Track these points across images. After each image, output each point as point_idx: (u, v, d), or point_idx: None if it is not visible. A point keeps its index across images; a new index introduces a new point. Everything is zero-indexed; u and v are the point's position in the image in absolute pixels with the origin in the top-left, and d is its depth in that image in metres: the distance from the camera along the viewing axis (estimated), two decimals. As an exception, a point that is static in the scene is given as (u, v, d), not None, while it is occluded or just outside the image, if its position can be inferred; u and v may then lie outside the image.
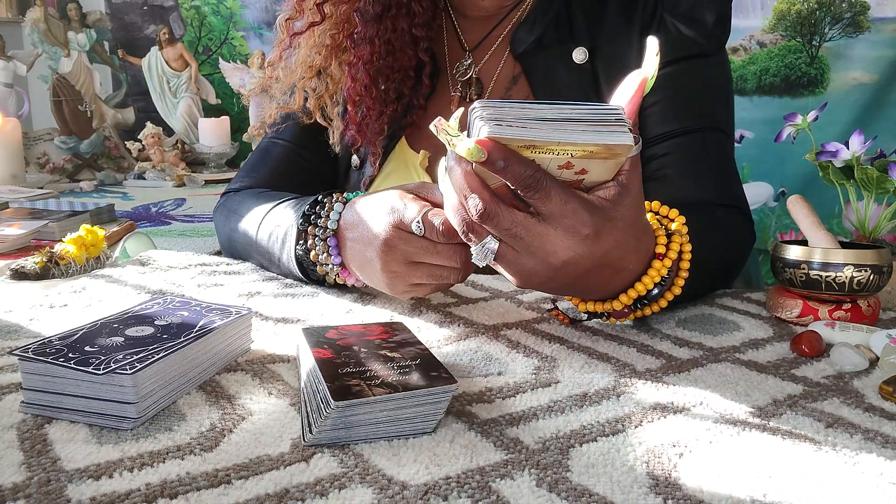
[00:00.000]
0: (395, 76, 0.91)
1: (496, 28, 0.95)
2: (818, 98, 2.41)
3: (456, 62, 0.96)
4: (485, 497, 0.39)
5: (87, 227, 0.90)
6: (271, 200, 0.83)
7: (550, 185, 0.49)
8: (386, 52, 0.90)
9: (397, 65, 0.91)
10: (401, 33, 0.90)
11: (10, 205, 1.57)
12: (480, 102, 0.48)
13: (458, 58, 0.96)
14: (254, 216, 0.84)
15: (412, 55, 0.92)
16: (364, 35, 0.89)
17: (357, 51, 0.90)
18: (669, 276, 0.62)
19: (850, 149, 0.84)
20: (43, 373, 0.47)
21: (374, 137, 0.93)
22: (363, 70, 0.90)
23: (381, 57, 0.90)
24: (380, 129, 0.93)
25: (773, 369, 0.58)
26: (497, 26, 0.95)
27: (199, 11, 3.02)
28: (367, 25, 0.89)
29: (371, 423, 0.44)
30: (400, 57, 0.91)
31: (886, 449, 0.45)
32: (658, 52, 0.52)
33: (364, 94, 0.90)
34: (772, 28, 2.45)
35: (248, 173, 1.00)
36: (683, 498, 0.39)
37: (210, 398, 0.51)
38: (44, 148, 2.52)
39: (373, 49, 0.89)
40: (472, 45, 0.96)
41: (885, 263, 0.67)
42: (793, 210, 0.76)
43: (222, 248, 0.97)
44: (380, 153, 0.94)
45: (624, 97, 0.52)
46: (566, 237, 0.51)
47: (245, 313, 0.58)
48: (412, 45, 0.92)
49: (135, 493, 0.39)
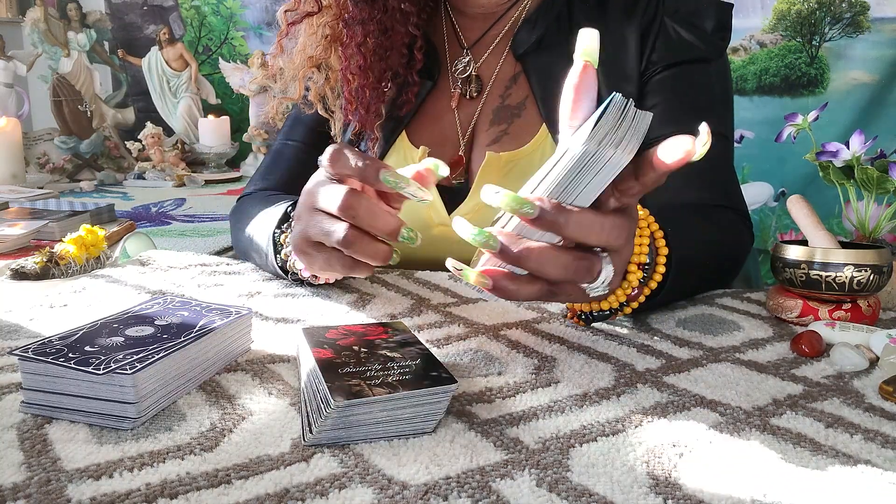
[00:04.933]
0: (388, 55, 0.93)
1: (494, 26, 0.96)
2: (818, 98, 2.41)
3: (455, 59, 0.97)
4: (485, 497, 0.39)
5: (87, 227, 0.90)
6: (274, 203, 0.84)
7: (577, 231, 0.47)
8: (378, 31, 0.92)
9: (389, 43, 0.93)
10: (392, 12, 0.92)
11: (10, 205, 1.57)
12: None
13: (458, 55, 0.97)
14: (257, 219, 0.84)
15: (404, 32, 0.93)
16: (356, 16, 0.91)
17: (350, 32, 0.92)
18: (647, 274, 0.63)
19: (850, 149, 0.84)
20: (43, 373, 0.47)
21: (371, 120, 0.94)
22: (357, 51, 0.91)
23: (374, 37, 0.92)
24: (377, 111, 0.93)
25: (773, 369, 0.58)
26: (496, 24, 0.96)
27: (199, 11, 3.02)
28: (358, 6, 0.91)
29: (371, 423, 0.44)
30: (392, 36, 0.92)
31: (886, 449, 0.45)
32: (590, 46, 0.47)
33: (358, 73, 0.92)
34: (772, 28, 2.45)
35: (263, 177, 1.01)
36: (683, 498, 0.39)
37: (210, 398, 0.51)
38: (44, 148, 2.52)
39: (365, 30, 0.91)
40: (471, 43, 0.97)
41: (885, 263, 0.67)
42: (793, 210, 0.76)
43: (236, 251, 0.98)
44: (377, 137, 0.95)
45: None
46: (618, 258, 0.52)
47: (245, 313, 0.58)
48: (403, 23, 0.93)
49: (135, 493, 0.39)
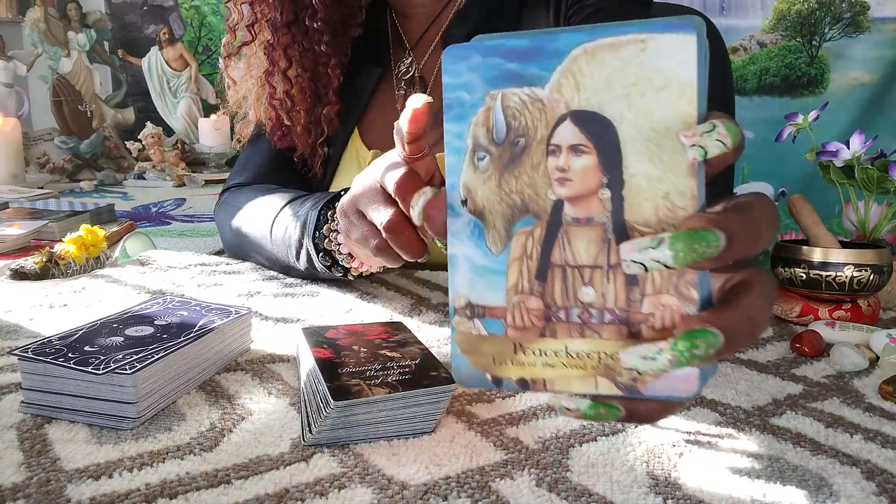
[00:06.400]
0: (319, 71, 0.91)
1: (433, 25, 0.95)
2: (818, 98, 2.40)
3: (398, 61, 0.97)
4: (485, 497, 0.39)
5: (87, 227, 0.90)
6: (281, 195, 0.82)
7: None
8: (302, 52, 0.90)
9: (314, 67, 0.91)
10: (312, 34, 0.90)
11: (10, 205, 1.57)
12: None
13: (401, 57, 0.97)
14: (265, 213, 0.82)
15: (328, 52, 0.90)
16: (277, 42, 0.90)
17: (272, 57, 0.91)
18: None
19: (850, 148, 0.84)
20: (43, 373, 0.47)
21: (306, 142, 0.93)
22: (282, 78, 0.90)
23: (297, 60, 0.90)
24: (316, 133, 0.93)
25: (773, 369, 0.58)
26: (433, 23, 0.95)
27: (199, 11, 3.02)
28: (278, 33, 0.90)
29: (371, 423, 0.44)
30: (325, 50, 0.90)
31: (886, 449, 0.45)
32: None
33: (285, 98, 0.91)
34: (772, 28, 2.45)
35: (243, 170, 0.99)
36: (683, 498, 0.39)
37: (210, 398, 0.51)
38: (44, 148, 2.52)
39: (288, 56, 0.90)
40: (413, 43, 0.97)
41: (885, 263, 0.67)
42: (793, 210, 0.76)
43: (226, 246, 0.97)
44: (322, 154, 0.94)
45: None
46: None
47: (245, 313, 0.58)
48: (334, 36, 0.91)
49: (135, 493, 0.39)
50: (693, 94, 0.29)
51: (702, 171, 0.30)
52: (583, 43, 0.30)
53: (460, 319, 0.34)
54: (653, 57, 0.29)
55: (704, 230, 0.28)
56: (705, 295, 0.31)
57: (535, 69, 0.32)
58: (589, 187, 0.31)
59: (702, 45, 0.29)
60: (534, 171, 0.32)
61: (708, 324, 0.29)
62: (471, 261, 0.34)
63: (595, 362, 0.32)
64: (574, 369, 0.32)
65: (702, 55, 0.29)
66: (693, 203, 0.29)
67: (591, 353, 0.32)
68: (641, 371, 0.29)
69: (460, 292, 0.34)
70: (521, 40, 0.32)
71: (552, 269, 0.32)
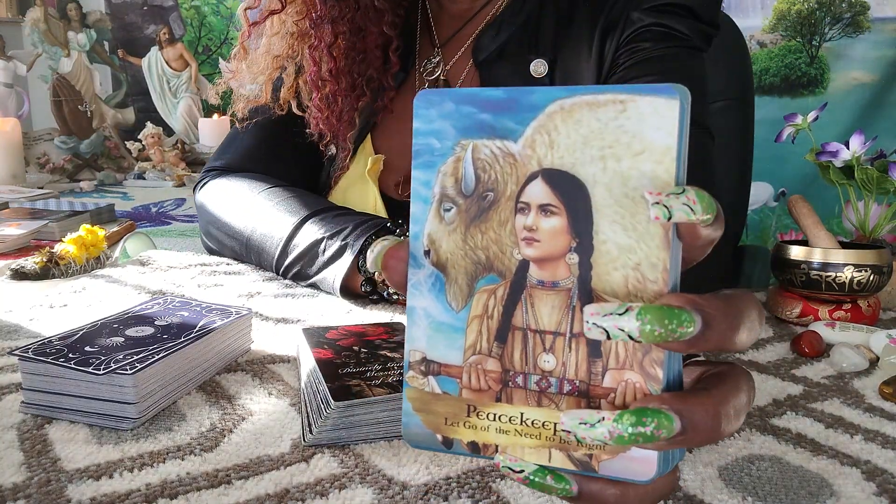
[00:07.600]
0: (362, 57, 0.87)
1: (467, 26, 0.89)
2: (818, 98, 2.41)
3: (425, 58, 0.91)
4: (485, 497, 0.39)
5: (87, 227, 0.90)
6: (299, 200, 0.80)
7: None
8: (350, 32, 0.85)
9: (363, 45, 0.86)
10: (365, 10, 0.85)
11: (10, 205, 1.57)
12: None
13: (428, 53, 0.91)
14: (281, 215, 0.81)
15: (378, 33, 0.86)
16: (325, 15, 0.85)
17: (318, 33, 0.85)
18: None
19: (850, 149, 0.84)
20: (43, 373, 0.47)
21: (344, 129, 0.88)
22: (327, 53, 0.85)
23: (345, 38, 0.85)
24: (349, 120, 0.88)
25: (773, 369, 0.58)
26: (468, 23, 0.89)
27: (199, 11, 3.02)
28: (327, 4, 0.85)
29: (371, 423, 0.44)
30: (366, 37, 0.86)
31: (886, 449, 0.45)
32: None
33: (329, 79, 0.86)
34: (772, 28, 2.45)
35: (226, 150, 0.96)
36: (683, 498, 0.39)
37: (210, 398, 0.51)
38: (44, 148, 2.52)
39: (336, 30, 0.85)
40: (443, 41, 0.90)
41: (885, 263, 0.68)
42: (793, 210, 0.76)
43: (205, 232, 0.93)
44: (350, 148, 0.89)
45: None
46: None
47: (245, 313, 0.58)
48: (377, 22, 0.86)
49: (135, 494, 0.39)
50: (672, 162, 0.28)
51: (677, 245, 0.28)
52: (559, 99, 0.29)
53: (414, 375, 0.32)
54: (633, 120, 0.28)
55: (679, 309, 0.26)
56: (672, 378, 0.29)
57: (509, 122, 0.30)
58: (556, 250, 0.30)
59: (684, 112, 0.28)
60: (500, 228, 0.31)
61: (665, 405, 0.27)
62: (430, 315, 0.32)
63: (550, 433, 0.30)
64: (528, 438, 0.31)
65: (683, 123, 0.28)
66: (665, 276, 0.28)
67: (547, 423, 0.30)
68: (578, 437, 0.28)
69: (417, 346, 0.32)
70: (497, 92, 0.31)
71: (513, 332, 0.31)
